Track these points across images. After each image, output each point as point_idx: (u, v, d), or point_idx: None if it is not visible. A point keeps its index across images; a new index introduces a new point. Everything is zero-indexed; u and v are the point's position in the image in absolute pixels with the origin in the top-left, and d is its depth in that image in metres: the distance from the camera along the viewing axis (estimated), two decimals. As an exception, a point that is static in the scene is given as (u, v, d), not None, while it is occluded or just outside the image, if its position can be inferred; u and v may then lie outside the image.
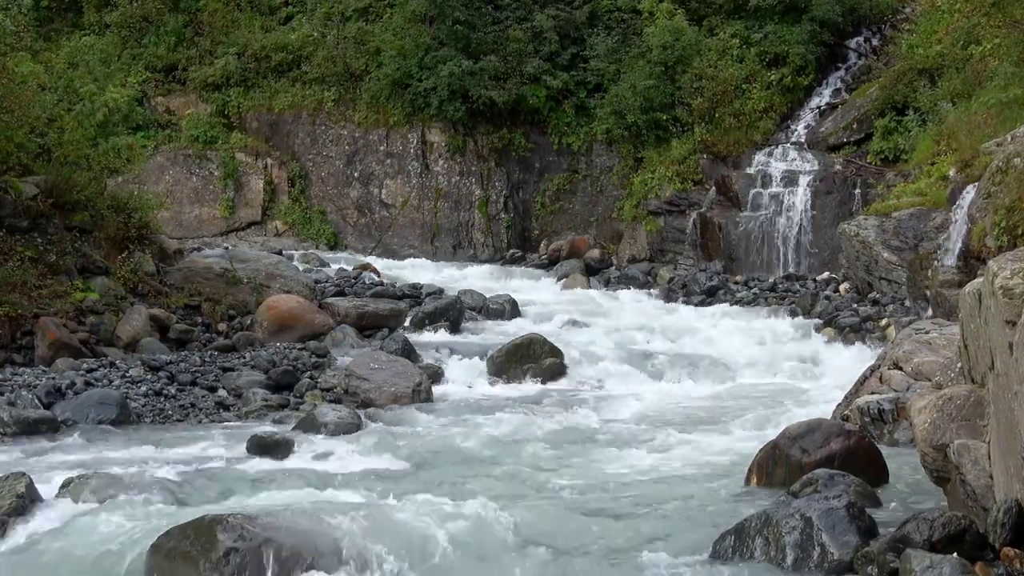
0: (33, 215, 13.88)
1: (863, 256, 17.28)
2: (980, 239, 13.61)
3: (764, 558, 6.17)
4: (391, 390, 11.90)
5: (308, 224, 24.98)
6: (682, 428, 10.56)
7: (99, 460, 9.04)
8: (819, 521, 6.15)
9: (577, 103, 24.21)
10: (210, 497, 7.77)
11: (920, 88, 20.62)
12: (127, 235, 14.87)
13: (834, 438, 7.89)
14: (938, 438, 6.46)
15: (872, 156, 21.05)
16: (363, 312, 15.49)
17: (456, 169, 24.45)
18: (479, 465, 9.04)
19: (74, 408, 10.74)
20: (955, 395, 6.61)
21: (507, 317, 16.84)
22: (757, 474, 8.05)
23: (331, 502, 7.33)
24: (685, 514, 7.37)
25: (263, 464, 9.03)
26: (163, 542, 6.18)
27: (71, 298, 13.37)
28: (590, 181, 24.08)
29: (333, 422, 10.35)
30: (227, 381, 12.31)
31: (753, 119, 22.61)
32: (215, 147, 25.52)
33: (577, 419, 11.10)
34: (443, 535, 6.53)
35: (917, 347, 10.20)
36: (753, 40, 23.49)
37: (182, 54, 26.92)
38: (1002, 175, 12.89)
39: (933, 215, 16.50)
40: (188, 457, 9.22)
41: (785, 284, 19.12)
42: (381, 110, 24.79)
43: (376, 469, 8.91)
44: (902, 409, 8.96)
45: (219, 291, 15.09)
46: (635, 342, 15.10)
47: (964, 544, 5.76)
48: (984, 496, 6.00)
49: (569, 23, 24.49)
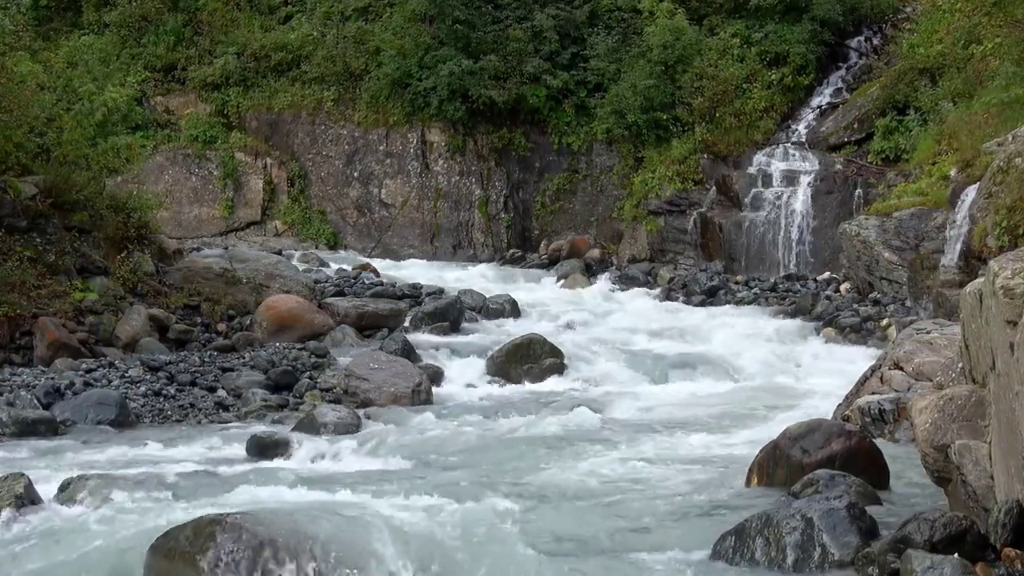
0: (32, 215, 13.86)
1: (864, 256, 17.26)
2: (981, 239, 13.60)
3: (765, 559, 6.15)
4: (391, 390, 11.88)
5: (308, 224, 24.97)
6: (682, 429, 10.53)
7: (98, 461, 9.03)
8: (820, 522, 6.13)
9: (577, 103, 24.19)
10: (209, 498, 7.70)
11: (921, 88, 20.61)
12: (126, 235, 14.87)
13: (835, 438, 7.84)
14: (939, 438, 6.44)
15: (873, 156, 21.03)
16: (363, 312, 15.49)
17: (456, 169, 24.43)
18: (479, 466, 9.00)
19: (73, 408, 10.73)
20: (956, 395, 6.58)
21: (507, 317, 16.82)
22: (757, 474, 8.01)
23: (331, 503, 7.30)
24: (685, 514, 7.35)
25: (262, 464, 9.01)
26: (162, 543, 6.15)
27: (70, 298, 13.36)
28: (590, 181, 24.06)
29: (333, 422, 10.33)
30: (226, 381, 12.30)
31: (754, 119, 22.59)
32: (214, 147, 25.50)
33: (577, 419, 11.03)
34: (444, 536, 6.51)
35: (918, 347, 10.18)
36: (754, 39, 23.49)
37: (181, 53, 26.90)
38: (1003, 175, 12.88)
39: (934, 215, 16.48)
40: (187, 457, 9.21)
41: (786, 284, 19.11)
42: (381, 110, 24.77)
43: (376, 470, 8.88)
44: (903, 409, 8.93)
45: (218, 291, 15.08)
46: (635, 343, 15.07)
47: (965, 545, 5.73)
48: (985, 497, 5.98)
49: (569, 22, 24.47)
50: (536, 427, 10.61)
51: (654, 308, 18.03)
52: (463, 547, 6.44)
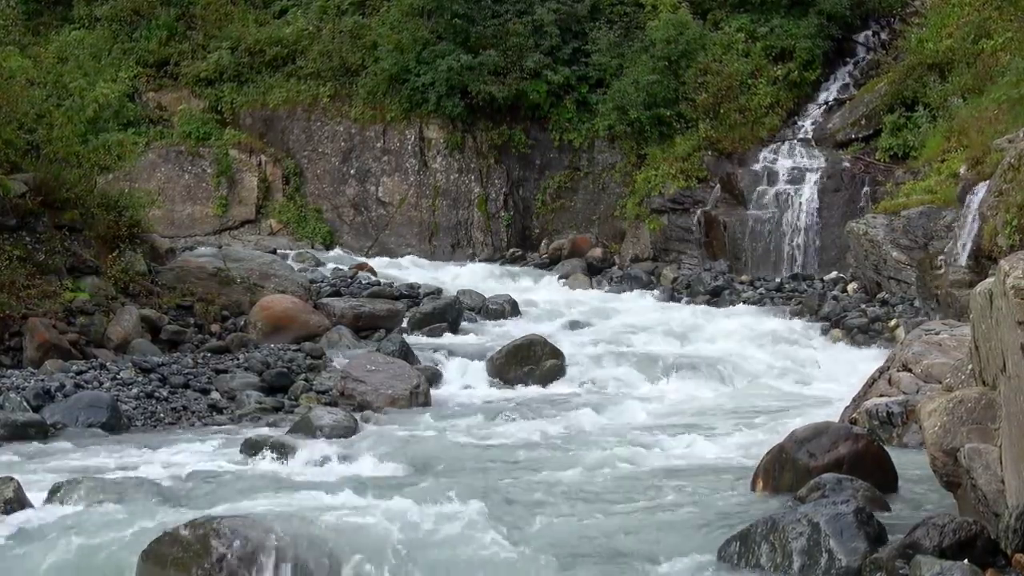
0: (22, 213, 13.76)
1: (871, 255, 17.18)
2: (991, 238, 13.64)
3: (770, 564, 6.15)
4: (388, 392, 11.84)
5: (303, 223, 24.85)
6: (686, 431, 10.46)
7: (89, 464, 9.02)
8: (827, 527, 6.13)
9: (579, 99, 24.04)
10: (203, 502, 7.72)
11: (930, 83, 20.43)
12: (118, 234, 14.77)
13: (842, 442, 7.83)
14: (948, 442, 6.45)
15: (881, 153, 20.89)
16: (359, 313, 15.45)
17: (455, 166, 24.29)
18: (478, 469, 8.97)
19: (64, 411, 10.70)
20: (966, 398, 6.59)
21: (507, 317, 16.73)
22: (763, 478, 7.98)
23: (327, 506, 7.30)
24: (689, 519, 7.32)
25: (257, 468, 8.98)
26: (155, 548, 6.14)
27: (60, 298, 13.30)
28: (592, 179, 23.92)
29: (329, 425, 10.28)
30: (220, 383, 12.26)
31: (759, 115, 22.43)
32: (208, 144, 25.36)
33: (578, 422, 10.98)
34: (442, 540, 6.52)
35: (927, 348, 10.17)
36: (759, 34, 23.33)
37: (174, 48, 26.70)
38: (1014, 172, 12.91)
39: (943, 213, 16.39)
40: (180, 461, 9.18)
41: (792, 284, 19.01)
42: (378, 106, 24.61)
43: (372, 473, 8.84)
44: (911, 412, 8.91)
45: (212, 291, 15.01)
46: (638, 344, 14.95)
47: (975, 550, 5.77)
48: (995, 501, 5.96)
49: (570, 17, 24.33)
50: (536, 430, 10.54)
51: (657, 308, 17.91)
52: (461, 552, 6.45)
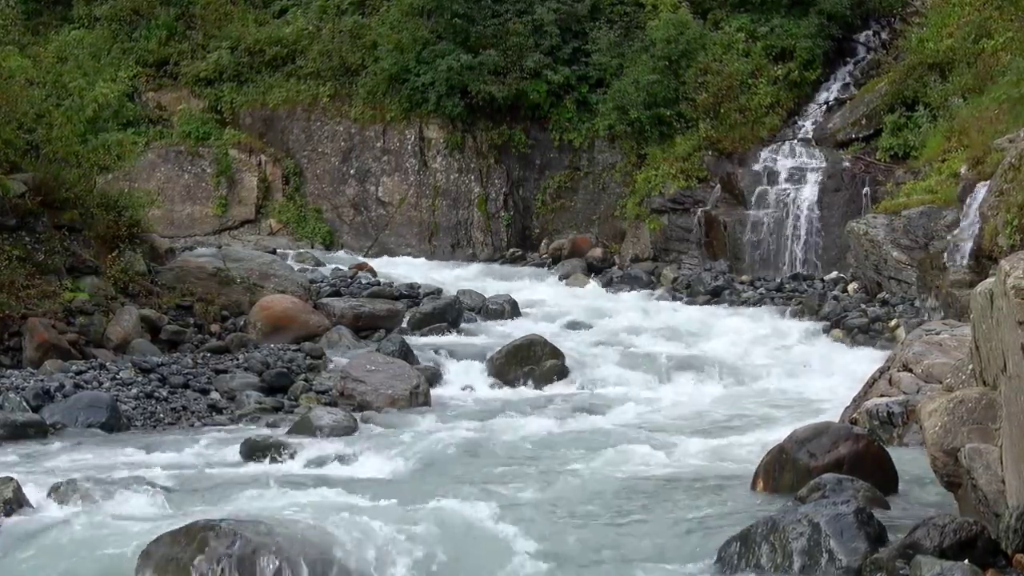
0: (21, 213, 13.74)
1: (872, 255, 17.15)
2: (992, 238, 13.64)
3: (771, 565, 6.14)
4: (388, 392, 11.81)
5: (303, 222, 24.81)
6: (686, 432, 10.46)
7: (89, 464, 9.00)
8: (827, 527, 6.13)
9: (579, 98, 24.01)
10: (202, 502, 7.72)
11: (930, 83, 20.40)
12: (117, 234, 14.76)
13: (842, 442, 7.83)
14: (949, 442, 6.44)
15: (881, 153, 20.85)
16: (359, 313, 15.42)
17: (455, 166, 24.26)
18: (478, 470, 8.96)
19: (63, 411, 10.68)
20: (966, 398, 6.58)
21: (507, 317, 16.67)
22: (763, 479, 7.98)
23: (326, 507, 7.27)
24: (690, 519, 7.31)
25: (257, 468, 8.98)
26: (154, 549, 6.11)
27: (60, 298, 13.28)
28: (592, 178, 23.88)
29: (328, 425, 10.27)
30: (220, 383, 12.25)
31: (759, 115, 22.39)
32: (208, 144, 25.33)
33: (579, 422, 10.99)
34: (442, 541, 6.49)
35: (927, 348, 10.16)
36: (759, 34, 23.28)
37: (174, 48, 26.65)
38: (1014, 172, 12.90)
39: (944, 213, 16.35)
40: (180, 461, 9.18)
41: (792, 284, 18.96)
42: (378, 106, 24.57)
43: (372, 474, 8.83)
44: (912, 412, 8.90)
45: (212, 291, 14.98)
46: (638, 344, 14.93)
47: (975, 551, 5.76)
48: (996, 502, 5.96)
49: (571, 16, 24.30)
50: (536, 430, 10.52)
51: (657, 309, 17.88)
52: (461, 553, 6.44)
